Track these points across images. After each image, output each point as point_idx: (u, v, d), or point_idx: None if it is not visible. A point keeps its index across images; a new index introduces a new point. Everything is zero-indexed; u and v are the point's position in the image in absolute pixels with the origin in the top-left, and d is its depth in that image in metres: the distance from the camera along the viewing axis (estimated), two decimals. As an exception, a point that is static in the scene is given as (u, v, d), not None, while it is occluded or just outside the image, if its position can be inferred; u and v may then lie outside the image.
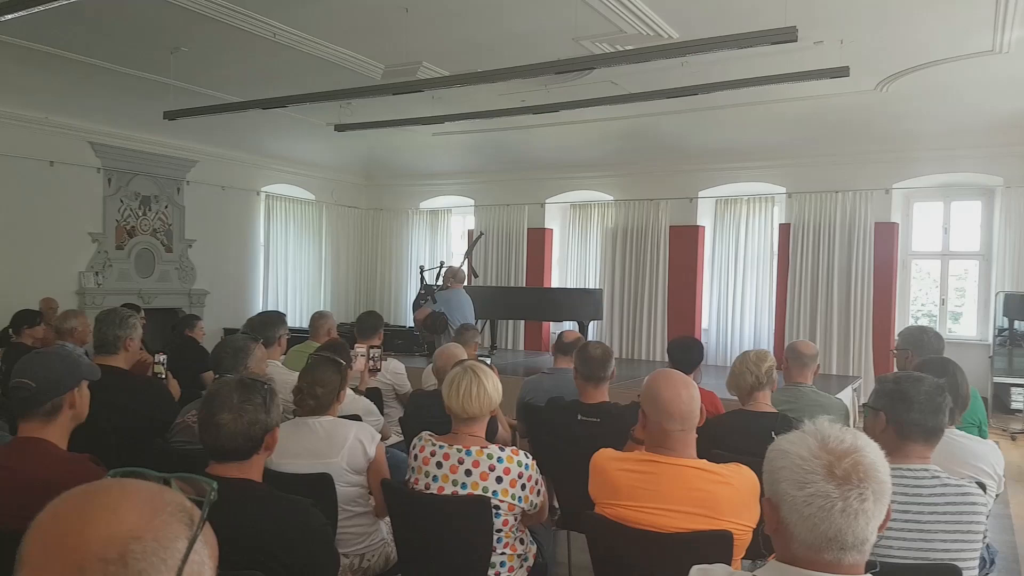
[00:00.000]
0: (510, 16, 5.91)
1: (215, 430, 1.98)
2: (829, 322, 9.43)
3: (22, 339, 5.63)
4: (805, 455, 1.31)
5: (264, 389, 2.06)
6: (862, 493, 1.27)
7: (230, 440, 1.98)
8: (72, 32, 6.36)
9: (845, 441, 1.31)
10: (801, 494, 1.28)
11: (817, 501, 1.27)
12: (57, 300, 7.67)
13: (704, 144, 9.59)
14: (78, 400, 2.24)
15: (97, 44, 6.73)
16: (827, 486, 1.27)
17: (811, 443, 1.32)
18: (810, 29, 5.49)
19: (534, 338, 11.38)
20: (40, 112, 8.38)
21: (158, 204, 9.84)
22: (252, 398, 2.02)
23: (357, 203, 13.00)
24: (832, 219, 9.45)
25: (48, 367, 2.21)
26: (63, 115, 8.58)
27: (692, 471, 2.17)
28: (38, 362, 2.23)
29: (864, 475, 1.28)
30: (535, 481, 2.62)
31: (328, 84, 6.96)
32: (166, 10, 5.77)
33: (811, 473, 1.29)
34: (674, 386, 2.24)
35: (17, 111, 8.22)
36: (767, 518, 1.37)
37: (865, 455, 1.30)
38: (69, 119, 8.69)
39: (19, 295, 7.56)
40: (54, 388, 2.18)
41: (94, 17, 5.91)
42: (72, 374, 2.25)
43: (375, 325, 5.25)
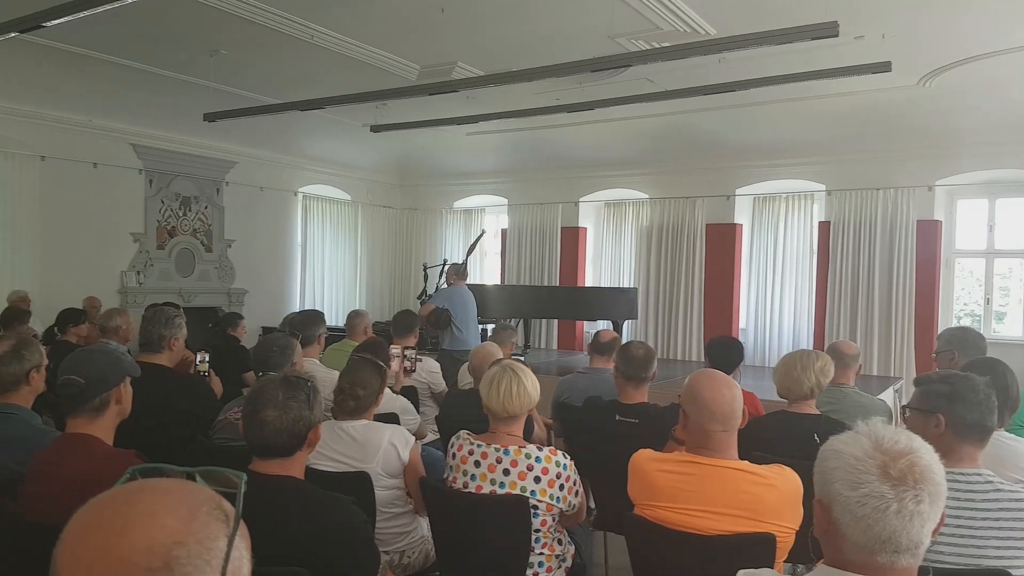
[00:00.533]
0: (545, 15, 5.90)
1: (259, 427, 2.00)
2: (870, 322, 9.25)
3: (67, 337, 5.74)
4: (859, 455, 1.28)
5: (308, 386, 2.08)
6: (918, 495, 1.24)
7: (275, 436, 2.00)
8: (115, 36, 6.49)
9: (900, 442, 1.29)
10: (855, 495, 1.26)
11: (871, 502, 1.25)
12: (100, 299, 7.83)
13: (741, 141, 9.48)
14: (123, 396, 2.29)
15: (139, 48, 6.86)
16: (882, 487, 1.25)
17: (865, 443, 1.29)
18: (851, 24, 5.38)
19: (567, 337, 11.35)
20: (84, 115, 8.57)
21: (198, 204, 10.00)
22: (296, 395, 2.03)
23: (392, 203, 13.08)
24: (873, 217, 9.27)
25: (95, 364, 2.26)
26: (106, 118, 8.76)
27: (734, 472, 2.14)
28: (84, 359, 2.28)
29: (920, 476, 1.25)
30: (573, 482, 2.61)
31: (364, 85, 7.02)
32: (206, 13, 5.86)
33: (865, 473, 1.26)
34: (717, 386, 2.22)
35: (62, 114, 8.40)
36: (817, 520, 1.34)
37: (921, 456, 1.27)
38: (112, 121, 8.86)
39: (64, 294, 7.73)
40: (101, 384, 2.22)
41: (136, 21, 6.02)
42: (116, 371, 2.29)
43: (411, 324, 5.27)
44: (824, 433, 3.06)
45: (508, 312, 9.50)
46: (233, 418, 3.07)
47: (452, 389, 4.76)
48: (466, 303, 7.10)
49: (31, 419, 2.68)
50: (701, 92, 6.47)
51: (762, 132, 9.14)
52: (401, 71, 7.29)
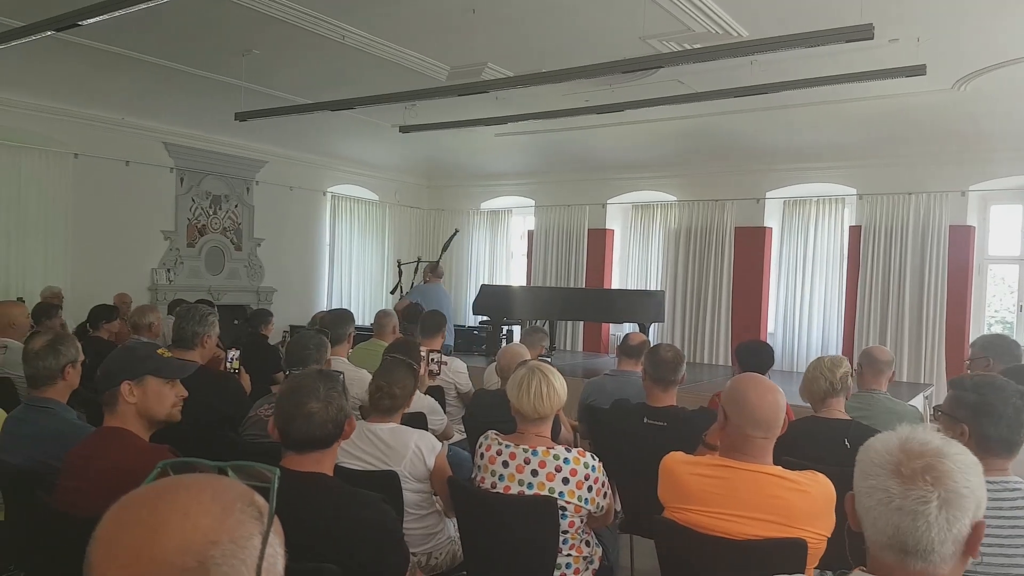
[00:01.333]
0: (577, 16, 5.89)
1: (305, 419, 2.01)
2: (900, 328, 9.12)
3: (99, 333, 5.83)
4: (880, 450, 1.30)
5: (340, 378, 2.14)
6: (924, 496, 1.23)
7: (320, 428, 2.02)
8: (149, 36, 6.58)
9: (929, 444, 1.28)
10: (864, 485, 1.29)
11: (876, 494, 1.26)
12: (130, 295, 7.93)
13: (772, 144, 9.39)
14: (137, 393, 2.26)
15: (172, 47, 6.96)
16: (888, 481, 1.26)
17: (893, 441, 1.31)
18: (885, 27, 5.31)
19: (593, 340, 11.31)
20: (117, 113, 8.70)
21: (228, 203, 10.11)
22: (335, 386, 2.09)
23: (419, 204, 13.13)
24: (905, 222, 9.14)
25: (110, 360, 2.30)
26: (139, 116, 8.89)
27: (767, 477, 2.12)
28: (111, 355, 2.33)
29: (934, 479, 1.24)
30: (602, 483, 2.60)
31: (394, 86, 7.05)
32: (239, 13, 5.92)
33: (877, 466, 1.28)
34: (762, 392, 2.19)
35: (96, 112, 8.54)
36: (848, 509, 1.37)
37: (944, 461, 1.26)
38: (144, 120, 8.99)
39: (94, 290, 7.86)
40: (108, 378, 2.26)
41: (170, 21, 6.11)
42: (130, 368, 2.28)
43: (439, 324, 5.29)
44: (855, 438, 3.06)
45: (534, 313, 9.50)
46: (263, 415, 3.09)
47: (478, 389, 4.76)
48: (440, 299, 7.44)
49: (66, 414, 2.72)
50: (732, 94, 6.42)
51: (793, 135, 9.05)
52: (431, 72, 7.32)
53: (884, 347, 4.17)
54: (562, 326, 11.13)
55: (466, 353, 9.01)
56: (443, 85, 7.14)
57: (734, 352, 4.30)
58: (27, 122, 8.07)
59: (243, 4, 5.72)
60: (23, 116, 8.03)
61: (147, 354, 2.37)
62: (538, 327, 5.88)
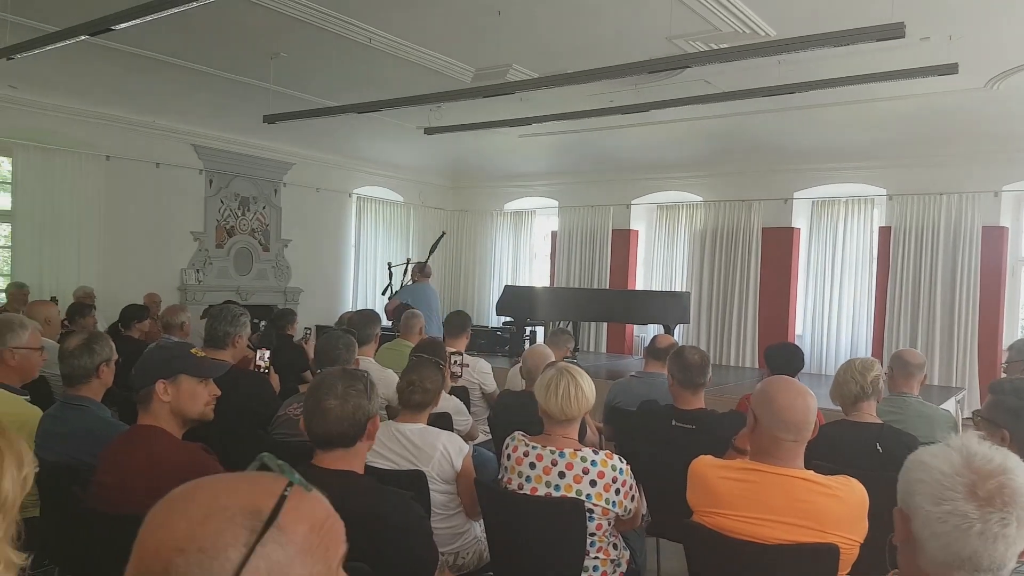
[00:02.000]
0: (603, 17, 5.87)
1: (322, 416, 2.04)
2: (932, 330, 8.99)
3: (131, 332, 5.91)
4: (947, 471, 1.23)
5: (365, 378, 2.14)
6: (1004, 518, 1.19)
7: (336, 425, 2.04)
8: (179, 39, 6.66)
9: (993, 460, 1.23)
10: (937, 510, 1.22)
11: (953, 520, 1.20)
12: (160, 295, 8.04)
13: (800, 144, 9.30)
14: (171, 392, 2.30)
15: (201, 51, 7.04)
16: (966, 506, 1.20)
17: (955, 459, 1.24)
18: (917, 25, 5.23)
19: (617, 341, 11.28)
20: (148, 116, 8.83)
21: (256, 205, 10.22)
22: (356, 384, 2.09)
23: (443, 205, 13.18)
24: (936, 222, 9.01)
25: (146, 359, 2.34)
26: (169, 119, 9.01)
27: (799, 482, 2.09)
28: (145, 353, 2.38)
29: (1009, 499, 1.19)
30: (629, 486, 2.59)
31: (419, 88, 7.08)
32: (267, 17, 5.98)
33: (950, 490, 1.21)
34: (792, 395, 2.16)
35: (127, 115, 8.67)
36: (897, 529, 1.31)
37: (1013, 478, 1.21)
38: (174, 123, 9.11)
39: (125, 290, 7.99)
40: (143, 377, 2.29)
41: (200, 25, 6.18)
42: (165, 367, 2.31)
43: (463, 324, 5.31)
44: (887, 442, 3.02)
45: (557, 315, 9.49)
46: (292, 414, 3.12)
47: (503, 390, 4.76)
48: (428, 299, 7.64)
49: (101, 412, 2.76)
50: (760, 94, 6.36)
51: (821, 134, 8.95)
52: (456, 73, 7.33)
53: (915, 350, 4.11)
54: (585, 327, 11.11)
55: (490, 354, 9.03)
56: (468, 87, 7.15)
57: (763, 355, 4.26)
58: (61, 125, 8.23)
59: (271, 8, 5.77)
60: (57, 119, 8.18)
61: (181, 353, 2.40)
62: (563, 328, 5.88)
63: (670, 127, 9.02)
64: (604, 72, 5.72)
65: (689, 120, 8.56)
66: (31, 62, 6.01)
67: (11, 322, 2.93)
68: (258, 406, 3.34)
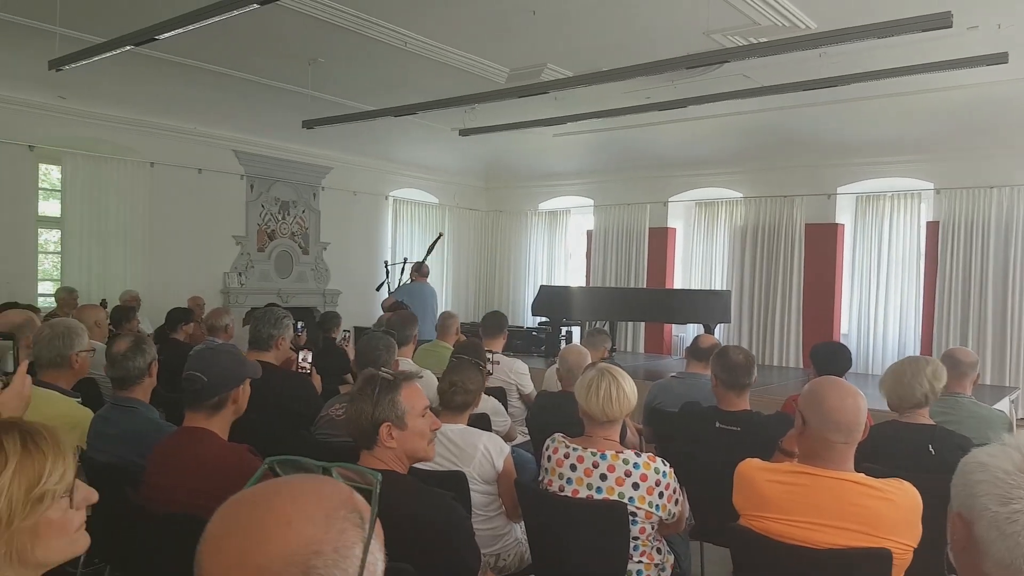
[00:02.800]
0: (638, 13, 5.83)
1: None
2: (983, 328, 8.75)
3: (176, 335, 6.02)
4: (1009, 469, 1.19)
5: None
6: None
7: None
8: (220, 47, 6.78)
9: None
10: (1004, 511, 1.17)
11: (1023, 519, 1.16)
12: (203, 298, 8.19)
13: (843, 137, 9.12)
14: (240, 396, 2.37)
15: (242, 58, 7.16)
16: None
17: (1016, 457, 1.20)
18: (964, 14, 5.10)
19: (655, 341, 11.17)
20: (190, 123, 9.00)
21: (296, 209, 10.36)
22: None
23: (477, 205, 13.21)
24: (986, 217, 8.76)
25: (219, 364, 2.34)
26: (210, 126, 9.17)
27: (850, 485, 2.04)
28: (210, 358, 2.37)
29: None
30: (673, 489, 2.55)
31: (453, 90, 7.11)
32: (306, 24, 6.05)
33: (1017, 488, 1.17)
34: (843, 395, 2.10)
35: (171, 122, 8.85)
36: (956, 535, 1.26)
37: None
38: (216, 129, 9.27)
39: (169, 294, 8.15)
40: (222, 385, 2.31)
41: (240, 33, 6.28)
42: (239, 373, 2.38)
43: (500, 324, 5.31)
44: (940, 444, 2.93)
45: (593, 315, 9.43)
46: (334, 414, 3.15)
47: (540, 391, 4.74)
48: (425, 298, 7.78)
49: (150, 413, 2.81)
50: (801, 88, 6.27)
51: (865, 128, 8.77)
52: (491, 74, 7.34)
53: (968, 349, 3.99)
54: (622, 327, 11.03)
55: (525, 354, 9.01)
56: (503, 87, 7.15)
57: (809, 354, 4.17)
58: (107, 133, 8.43)
59: (310, 14, 5.84)
60: (103, 127, 8.38)
61: (244, 359, 2.48)
62: (600, 329, 5.84)
63: (708, 122, 8.92)
64: (640, 69, 5.67)
65: (727, 115, 8.46)
66: (78, 73, 6.16)
67: (76, 328, 3.03)
68: (301, 407, 3.38)
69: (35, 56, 6.15)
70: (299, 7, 5.66)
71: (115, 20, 5.68)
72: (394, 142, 10.60)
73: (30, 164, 7.93)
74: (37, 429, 1.17)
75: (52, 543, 1.15)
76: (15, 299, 6.45)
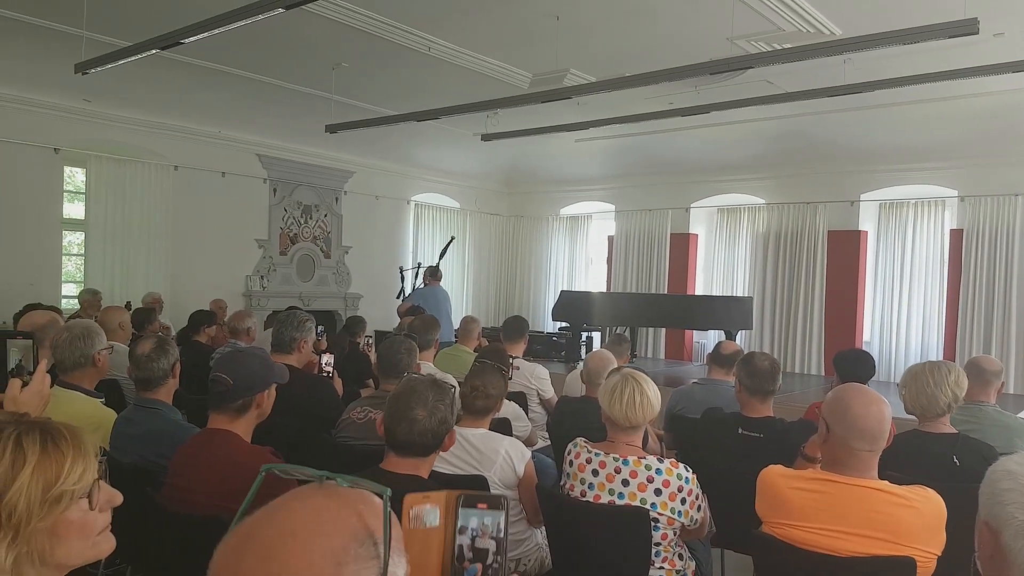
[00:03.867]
0: (662, 18, 5.82)
1: (408, 424, 2.06)
2: (1007, 336, 8.63)
3: (199, 337, 6.07)
4: None
5: (452, 392, 2.17)
6: None
7: (421, 436, 2.07)
8: (245, 52, 6.85)
9: None
10: None
11: None
12: (226, 301, 8.25)
13: (867, 144, 9.04)
14: (265, 400, 2.38)
15: (266, 63, 7.22)
16: None
17: None
18: (990, 20, 5.04)
19: (675, 347, 11.13)
20: (214, 127, 9.09)
21: (318, 213, 10.43)
22: (444, 398, 2.13)
23: (499, 210, 13.23)
24: (1011, 224, 8.66)
25: (246, 368, 2.35)
26: (234, 129, 9.26)
27: (873, 492, 2.02)
28: (238, 361, 2.38)
29: None
30: (696, 496, 2.54)
31: (476, 95, 7.13)
32: (330, 28, 6.10)
33: None
34: (867, 402, 2.08)
35: (194, 126, 8.95)
36: (983, 543, 1.25)
37: None
38: (239, 133, 9.36)
39: (191, 296, 8.24)
40: (247, 388, 2.32)
41: (264, 38, 6.34)
42: (265, 377, 2.38)
43: (521, 329, 5.32)
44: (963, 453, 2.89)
45: (614, 320, 9.41)
46: (356, 418, 3.16)
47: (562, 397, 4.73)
48: (439, 301, 7.94)
49: (172, 414, 2.83)
50: (825, 94, 6.21)
51: (889, 135, 8.70)
52: (513, 80, 7.36)
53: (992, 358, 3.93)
54: (643, 333, 11.00)
55: (546, 359, 9.01)
56: (526, 92, 7.16)
57: (832, 361, 4.13)
58: (131, 136, 8.53)
59: (334, 19, 5.88)
60: (127, 131, 8.49)
61: (272, 363, 2.49)
62: (622, 335, 5.83)
63: (730, 128, 8.88)
64: (664, 74, 5.66)
65: (750, 121, 8.42)
66: (103, 76, 6.25)
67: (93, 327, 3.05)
68: (323, 410, 3.40)
69: (61, 60, 6.25)
70: (324, 12, 5.71)
71: (141, 24, 5.76)
72: (416, 146, 10.65)
73: (56, 166, 8.04)
74: (59, 429, 1.16)
75: (73, 544, 1.13)
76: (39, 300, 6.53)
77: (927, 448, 2.99)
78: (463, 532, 0.97)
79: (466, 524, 0.97)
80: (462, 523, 0.96)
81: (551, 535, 2.75)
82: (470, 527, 0.97)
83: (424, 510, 0.92)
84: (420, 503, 0.92)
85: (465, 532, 0.97)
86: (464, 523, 0.97)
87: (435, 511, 0.93)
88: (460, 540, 0.94)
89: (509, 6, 5.71)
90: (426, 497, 0.93)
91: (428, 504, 0.92)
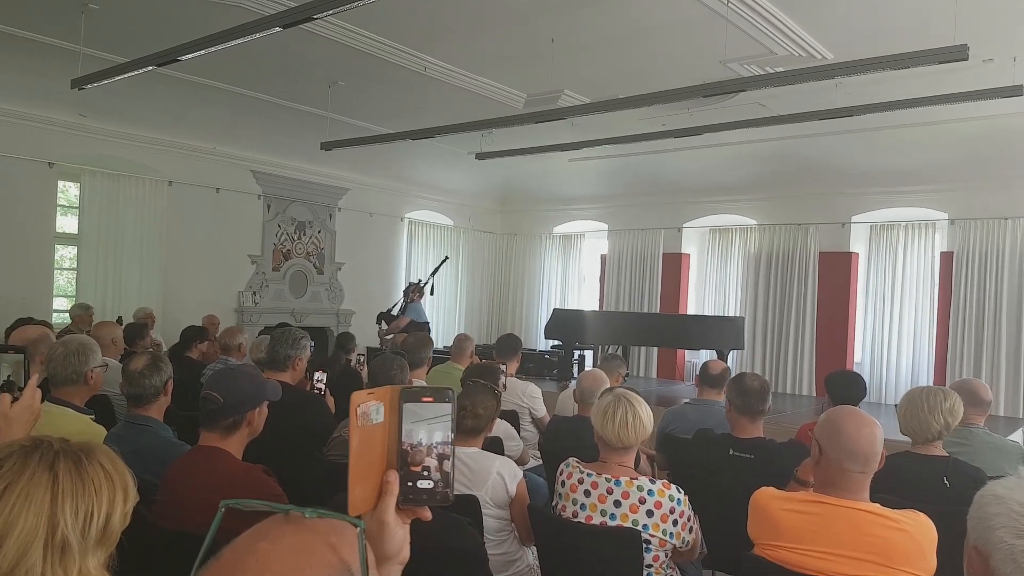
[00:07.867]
0: (655, 41, 5.88)
1: None
2: (996, 359, 8.68)
3: (190, 353, 6.04)
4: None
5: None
6: None
7: None
8: (241, 69, 6.88)
9: None
10: (1020, 543, 1.18)
11: None
12: (218, 317, 8.22)
13: (858, 167, 9.13)
14: (256, 418, 2.38)
15: (262, 80, 7.25)
16: None
17: None
18: (980, 46, 5.12)
19: (667, 366, 11.13)
20: (209, 143, 9.10)
21: (312, 229, 10.43)
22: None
23: (492, 228, 13.26)
24: (1000, 248, 8.73)
25: (237, 386, 2.35)
26: (229, 145, 9.27)
27: (864, 514, 2.03)
28: (229, 379, 2.38)
29: None
30: (687, 517, 2.54)
31: (471, 114, 7.18)
32: (327, 47, 6.14)
33: None
34: (859, 424, 2.10)
35: (189, 142, 8.95)
36: (972, 568, 1.26)
37: None
38: (234, 149, 9.37)
39: (183, 312, 8.21)
40: (238, 407, 2.32)
41: (261, 55, 6.38)
42: (256, 396, 2.38)
43: (514, 347, 5.34)
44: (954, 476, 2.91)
45: (606, 339, 9.42)
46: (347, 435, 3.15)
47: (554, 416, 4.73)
48: (420, 315, 9.02)
49: (163, 431, 2.82)
50: (816, 117, 6.29)
51: (880, 158, 8.78)
52: (508, 100, 7.42)
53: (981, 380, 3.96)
54: (635, 352, 11.00)
55: (538, 377, 9.00)
56: (520, 113, 7.22)
57: (823, 382, 4.15)
58: (126, 151, 8.53)
59: (331, 39, 5.93)
60: (122, 146, 8.48)
61: (264, 380, 2.49)
62: (615, 354, 5.84)
63: (723, 150, 8.95)
64: (657, 97, 5.72)
65: (742, 143, 8.49)
66: (99, 92, 6.26)
67: (90, 344, 3.03)
68: (316, 427, 3.39)
69: (58, 75, 6.27)
70: (321, 32, 5.75)
71: (138, 41, 5.78)
72: (411, 164, 10.68)
73: (49, 181, 8.01)
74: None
75: None
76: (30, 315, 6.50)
77: (918, 470, 3.00)
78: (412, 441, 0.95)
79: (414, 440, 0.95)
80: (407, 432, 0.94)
81: (542, 555, 2.75)
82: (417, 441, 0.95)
83: (370, 407, 0.92)
84: (365, 400, 0.92)
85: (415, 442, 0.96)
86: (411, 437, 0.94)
87: (379, 407, 0.92)
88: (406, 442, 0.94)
89: (505, 28, 5.77)
90: (371, 394, 0.92)
91: (373, 400, 0.92)
